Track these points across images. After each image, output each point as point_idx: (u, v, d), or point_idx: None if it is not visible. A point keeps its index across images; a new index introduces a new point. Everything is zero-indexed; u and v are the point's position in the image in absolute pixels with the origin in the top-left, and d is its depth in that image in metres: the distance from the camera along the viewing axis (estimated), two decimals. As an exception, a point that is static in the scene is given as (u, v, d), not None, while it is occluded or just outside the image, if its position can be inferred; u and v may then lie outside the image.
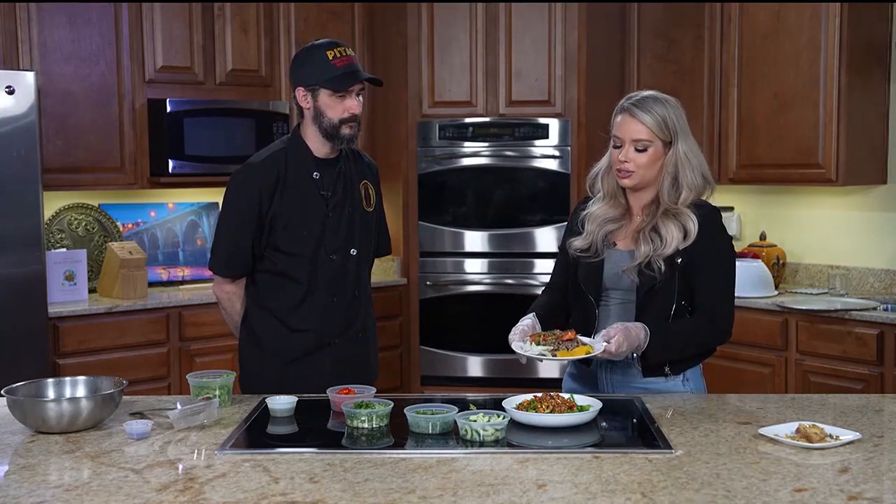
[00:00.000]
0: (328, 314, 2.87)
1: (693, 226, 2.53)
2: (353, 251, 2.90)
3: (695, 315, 2.57)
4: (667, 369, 2.59)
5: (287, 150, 2.87)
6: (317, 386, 2.61)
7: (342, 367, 2.85)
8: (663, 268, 2.53)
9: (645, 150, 2.55)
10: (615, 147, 2.60)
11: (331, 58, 2.76)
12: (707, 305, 2.56)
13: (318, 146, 2.85)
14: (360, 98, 2.82)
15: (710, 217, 2.59)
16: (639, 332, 2.46)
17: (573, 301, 2.71)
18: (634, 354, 2.52)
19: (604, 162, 2.67)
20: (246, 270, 2.90)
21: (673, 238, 2.53)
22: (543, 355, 2.42)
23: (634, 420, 2.37)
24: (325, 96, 2.78)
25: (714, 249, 2.57)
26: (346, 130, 2.80)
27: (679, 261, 2.54)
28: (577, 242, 2.68)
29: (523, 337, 2.51)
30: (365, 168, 3.00)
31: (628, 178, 2.58)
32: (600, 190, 2.68)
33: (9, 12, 4.42)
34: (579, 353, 2.41)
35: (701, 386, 2.68)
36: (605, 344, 2.41)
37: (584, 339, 2.48)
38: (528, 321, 2.59)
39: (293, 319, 2.86)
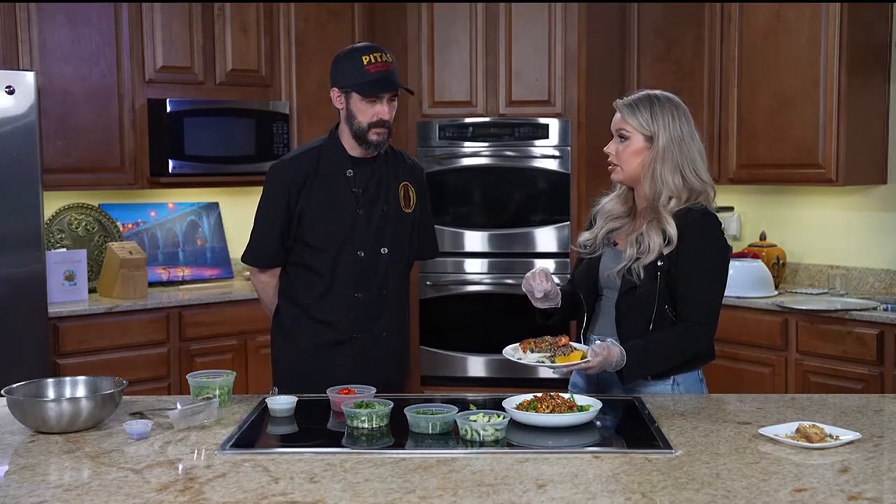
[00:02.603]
0: (351, 309, 2.92)
1: (672, 230, 2.52)
2: (384, 250, 2.94)
3: (676, 326, 2.55)
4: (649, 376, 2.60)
5: (322, 147, 2.95)
6: (337, 379, 2.62)
7: (363, 364, 2.89)
8: (642, 275, 2.53)
9: (626, 140, 2.58)
10: None
11: (365, 63, 2.82)
12: (687, 314, 2.54)
13: (351, 145, 2.92)
14: (394, 104, 2.88)
15: (699, 222, 2.55)
16: (615, 355, 2.45)
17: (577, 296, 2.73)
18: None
19: None
20: (274, 262, 2.97)
21: (655, 244, 2.52)
22: (542, 362, 2.44)
23: (634, 420, 2.37)
24: (356, 100, 2.85)
25: (697, 256, 2.53)
26: (373, 136, 2.86)
27: (661, 265, 2.53)
28: (584, 236, 2.73)
29: (540, 281, 2.60)
30: (408, 169, 3.04)
31: (614, 171, 2.63)
32: (617, 185, 2.72)
33: (9, 12, 4.42)
34: (575, 358, 2.43)
35: (697, 391, 2.66)
36: (588, 359, 2.42)
37: (575, 345, 2.52)
38: (549, 269, 2.67)
39: (317, 311, 2.93)
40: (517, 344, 2.55)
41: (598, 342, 2.47)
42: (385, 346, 2.98)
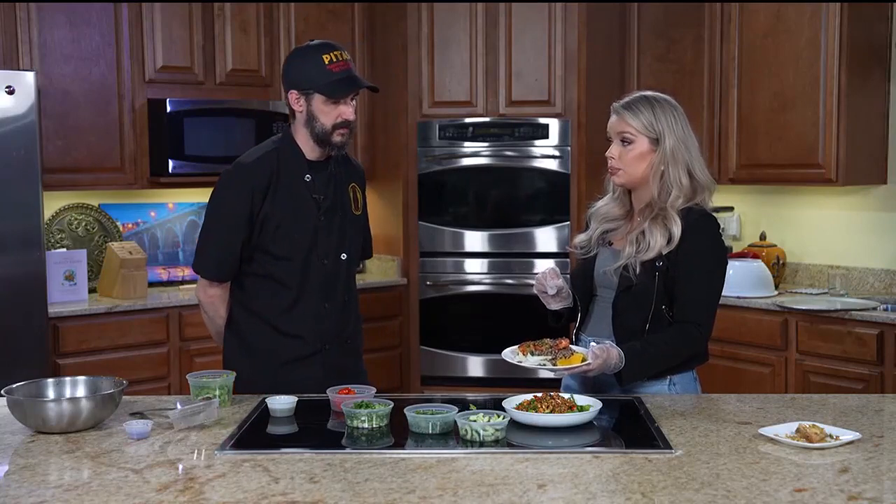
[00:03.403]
0: (320, 320, 2.83)
1: (677, 230, 2.52)
2: (344, 256, 2.86)
3: (672, 326, 2.55)
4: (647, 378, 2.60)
5: (279, 150, 2.81)
6: (308, 393, 2.58)
7: (333, 374, 2.78)
8: (638, 270, 2.53)
9: (630, 143, 2.56)
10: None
11: (327, 62, 2.70)
12: (684, 315, 2.54)
13: (309, 149, 2.81)
14: (354, 103, 2.78)
15: (699, 223, 2.55)
16: (614, 357, 2.45)
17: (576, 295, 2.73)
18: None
19: None
20: (234, 274, 2.83)
21: (656, 243, 2.52)
22: (543, 365, 2.43)
23: (634, 420, 2.37)
24: (319, 102, 2.73)
25: (696, 257, 2.54)
26: (337, 137, 2.76)
27: (660, 264, 2.53)
28: (579, 237, 2.72)
29: (552, 278, 2.63)
30: (353, 171, 2.96)
31: (617, 175, 2.61)
32: (611, 189, 2.71)
33: (9, 12, 4.42)
34: (576, 361, 2.43)
35: (692, 391, 2.66)
36: (589, 361, 2.42)
37: (575, 348, 2.51)
38: (556, 267, 2.67)
39: (284, 324, 2.81)
40: (516, 346, 2.54)
41: (594, 344, 2.47)
42: (351, 353, 2.91)
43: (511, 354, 2.52)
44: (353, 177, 2.95)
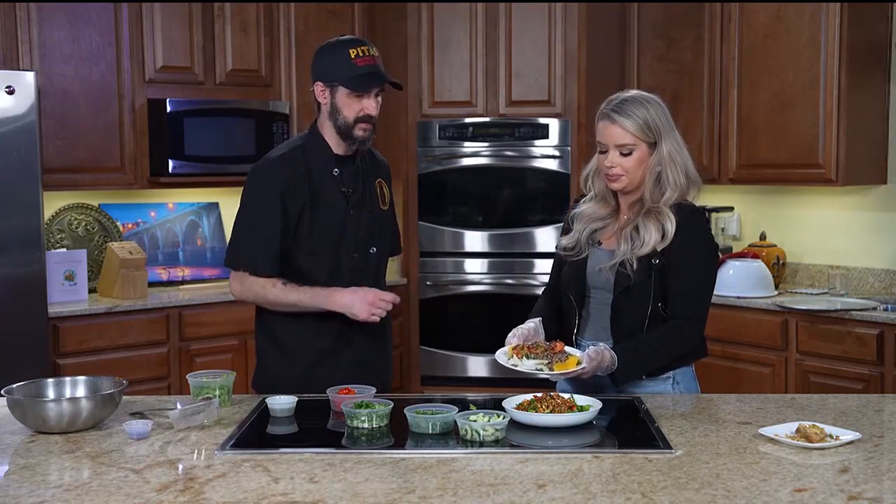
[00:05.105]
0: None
1: (671, 226, 2.52)
2: (373, 250, 2.88)
3: (666, 323, 2.55)
4: (643, 376, 2.60)
5: (306, 146, 2.83)
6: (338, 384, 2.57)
7: (362, 368, 2.81)
8: (635, 266, 2.52)
9: (630, 153, 2.54)
10: (601, 153, 2.59)
11: (353, 56, 2.73)
12: (678, 311, 2.54)
13: (335, 143, 2.82)
14: (379, 100, 2.79)
15: (690, 218, 2.56)
16: (607, 359, 2.44)
17: (563, 300, 2.72)
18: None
19: (593, 163, 2.66)
20: (278, 267, 2.78)
21: (651, 238, 2.52)
22: (540, 370, 2.41)
23: (634, 420, 2.37)
24: (342, 95, 2.75)
25: (689, 252, 2.54)
26: (359, 132, 2.77)
27: (656, 261, 2.53)
28: (564, 241, 2.70)
29: (522, 340, 2.52)
30: (378, 166, 2.98)
31: (617, 181, 2.57)
32: (591, 189, 2.68)
33: (9, 12, 4.42)
34: (572, 365, 2.42)
35: (693, 387, 2.67)
36: (584, 365, 2.41)
37: (570, 350, 2.49)
38: (532, 325, 2.59)
39: (314, 319, 2.81)
40: (507, 348, 2.51)
41: (591, 347, 2.46)
42: (380, 347, 2.93)
43: (504, 357, 2.48)
44: (379, 172, 2.97)
